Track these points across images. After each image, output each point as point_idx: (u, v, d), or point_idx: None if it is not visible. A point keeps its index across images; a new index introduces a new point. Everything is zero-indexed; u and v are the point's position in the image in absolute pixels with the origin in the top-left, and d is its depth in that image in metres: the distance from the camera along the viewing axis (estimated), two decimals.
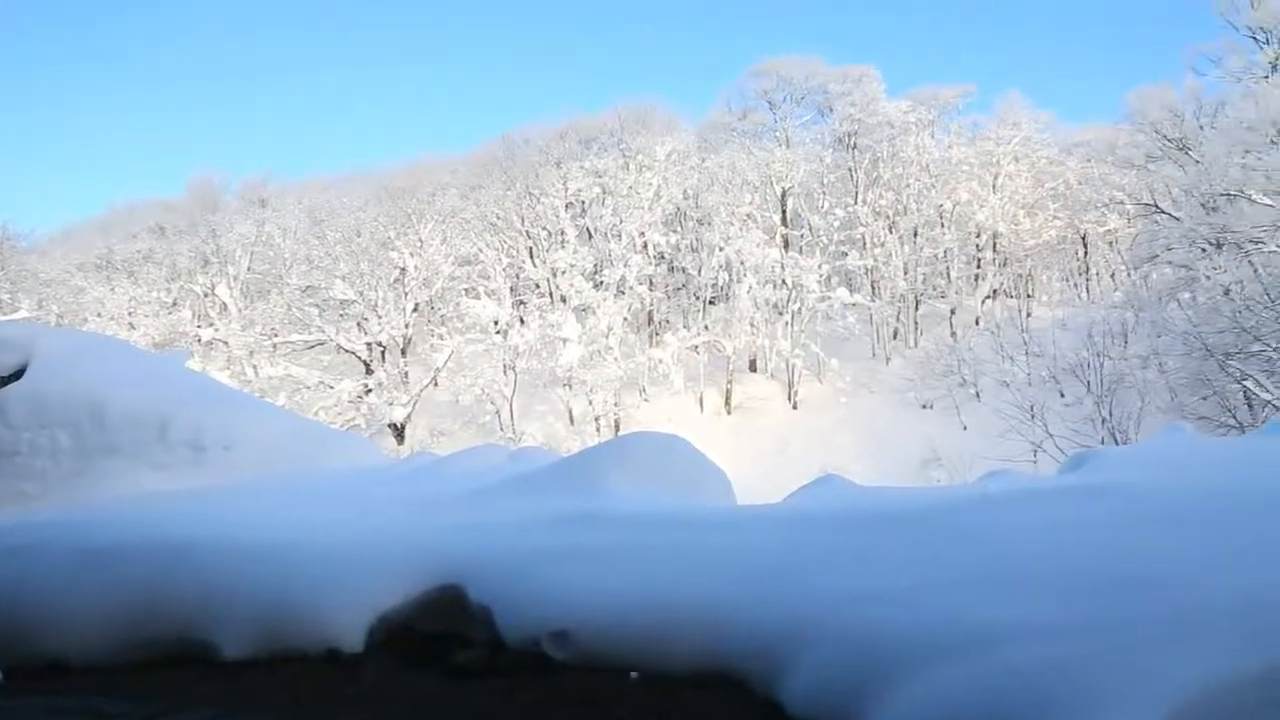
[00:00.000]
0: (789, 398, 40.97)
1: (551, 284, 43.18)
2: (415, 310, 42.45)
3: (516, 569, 3.30)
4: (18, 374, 5.69)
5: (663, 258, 45.55)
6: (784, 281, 41.33)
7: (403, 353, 41.88)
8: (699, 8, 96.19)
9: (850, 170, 47.22)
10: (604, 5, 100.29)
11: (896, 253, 44.40)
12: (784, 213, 46.16)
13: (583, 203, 45.38)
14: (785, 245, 44.47)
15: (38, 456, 5.21)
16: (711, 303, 44.84)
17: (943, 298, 46.13)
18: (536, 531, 3.66)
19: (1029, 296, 47.04)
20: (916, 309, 45.49)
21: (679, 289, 47.25)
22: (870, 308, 43.70)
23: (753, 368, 43.38)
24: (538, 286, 44.47)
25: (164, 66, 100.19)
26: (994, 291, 46.72)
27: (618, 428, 37.14)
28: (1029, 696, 2.09)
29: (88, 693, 3.16)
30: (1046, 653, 2.23)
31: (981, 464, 22.42)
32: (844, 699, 2.44)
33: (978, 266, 47.46)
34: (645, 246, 43.31)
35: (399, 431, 37.92)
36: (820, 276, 41.64)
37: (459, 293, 43.19)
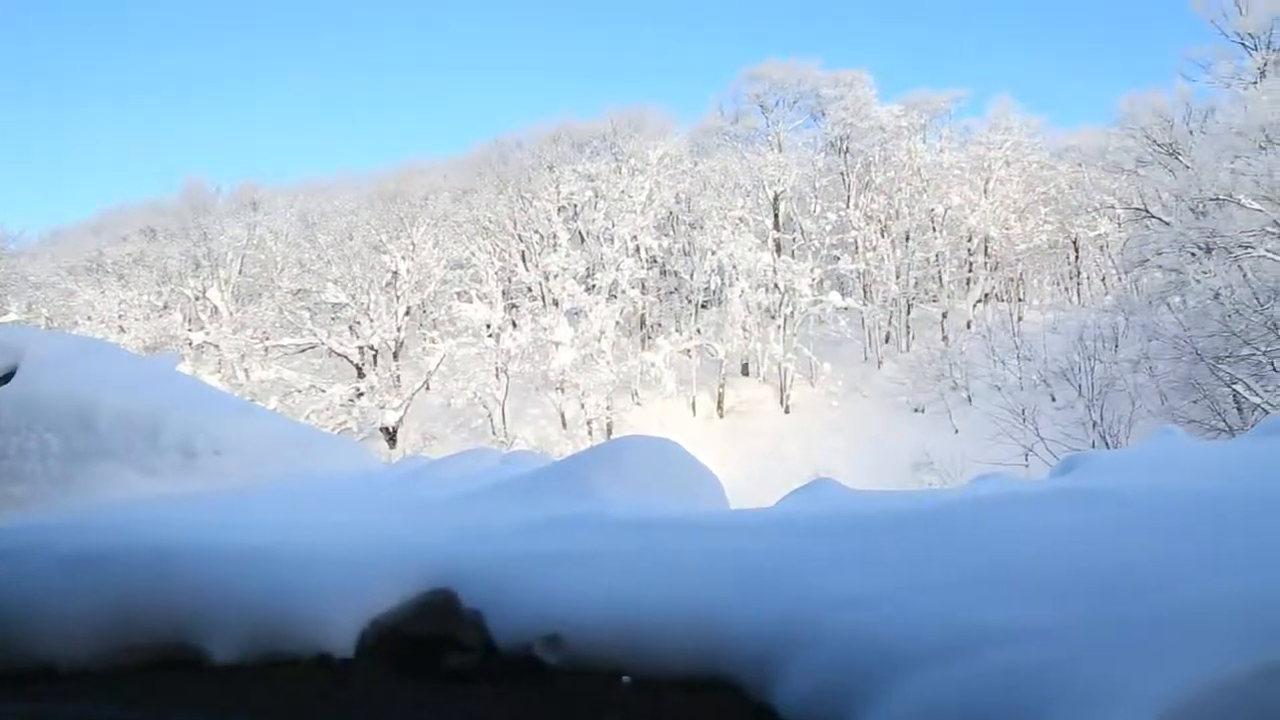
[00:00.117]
0: (781, 401, 41.03)
1: (544, 287, 43.18)
2: (407, 314, 42.42)
3: (508, 573, 3.29)
4: (6, 377, 5.66)
5: (655, 261, 45.60)
6: (776, 285, 41.42)
7: (394, 356, 41.83)
8: (692, 12, 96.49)
9: (842, 174, 47.38)
10: (597, 9, 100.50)
11: (888, 257, 44.53)
12: (776, 216, 46.27)
13: (575, 206, 45.42)
14: (777, 249, 44.57)
15: (26, 460, 5.18)
16: (704, 306, 44.89)
17: (934, 301, 46.28)
18: (528, 535, 3.65)
19: (1020, 300, 47.23)
20: (908, 313, 45.63)
21: (671, 292, 47.31)
22: (862, 311, 43.82)
23: (745, 371, 43.45)
24: (530, 290, 44.47)
25: (155, 69, 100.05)
26: (985, 295, 46.90)
27: (610, 431, 37.14)
28: (1022, 698, 2.10)
29: (76, 698, 3.14)
30: (1039, 654, 2.23)
31: (973, 467, 22.52)
32: (837, 702, 2.44)
33: (969, 270, 47.64)
34: (638, 250, 43.35)
35: (391, 435, 37.85)
36: (812, 280, 41.75)
37: (451, 296, 43.16)
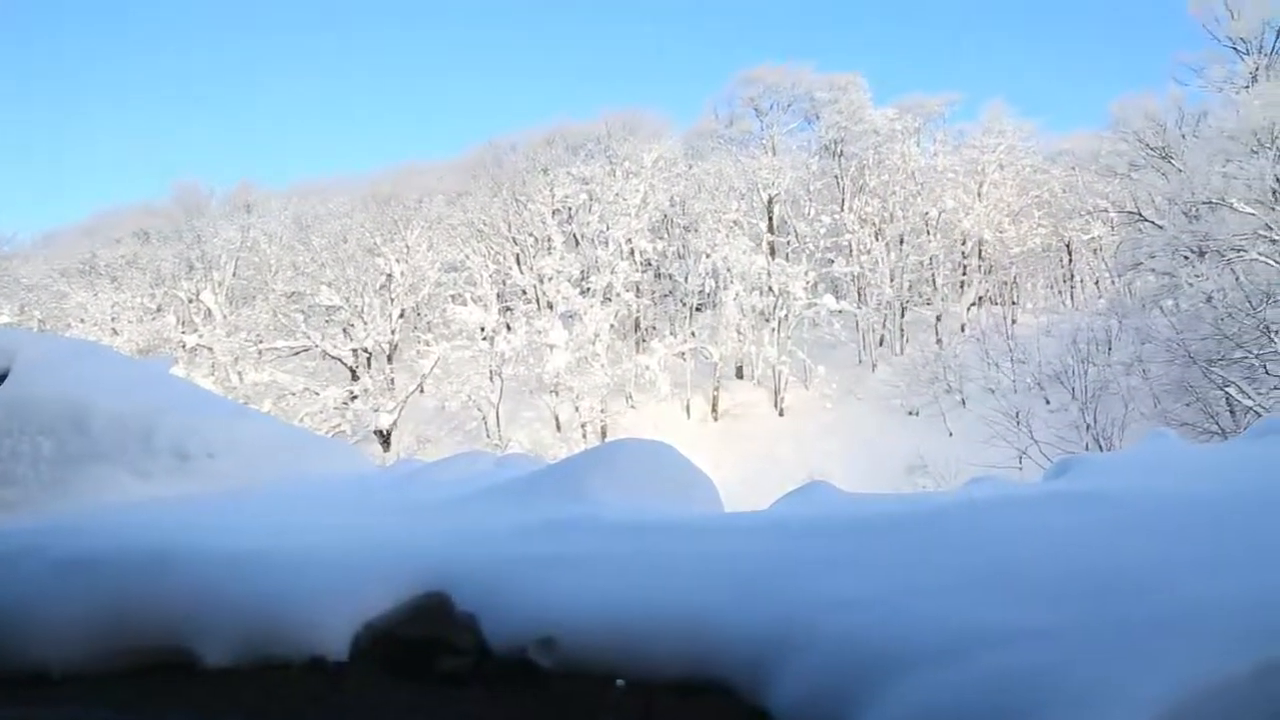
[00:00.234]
0: (775, 404, 41.06)
1: (538, 290, 43.18)
2: (401, 316, 42.37)
3: (502, 576, 3.29)
4: None
5: (649, 264, 45.64)
6: (770, 288, 41.47)
7: (389, 359, 41.78)
8: (687, 15, 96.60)
9: (836, 177, 47.47)
10: (592, 12, 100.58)
11: (882, 260, 44.60)
12: (770, 220, 46.33)
13: (569, 209, 45.43)
14: (772, 252, 44.64)
15: (18, 463, 5.16)
16: (698, 309, 44.92)
17: (928, 305, 46.38)
18: (522, 538, 3.64)
19: (1014, 303, 47.34)
20: (902, 316, 45.71)
21: (666, 296, 47.34)
22: (856, 315, 43.88)
23: (739, 374, 43.47)
24: (524, 293, 44.46)
25: (149, 71, 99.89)
26: (979, 298, 47.01)
27: (604, 434, 37.14)
28: (1017, 701, 2.10)
29: (69, 702, 3.13)
30: (1033, 657, 2.23)
31: (967, 470, 22.54)
32: (831, 705, 2.44)
33: (963, 273, 47.75)
34: (632, 253, 43.37)
35: (385, 438, 37.79)
36: (806, 283, 41.81)
37: (445, 299, 43.14)
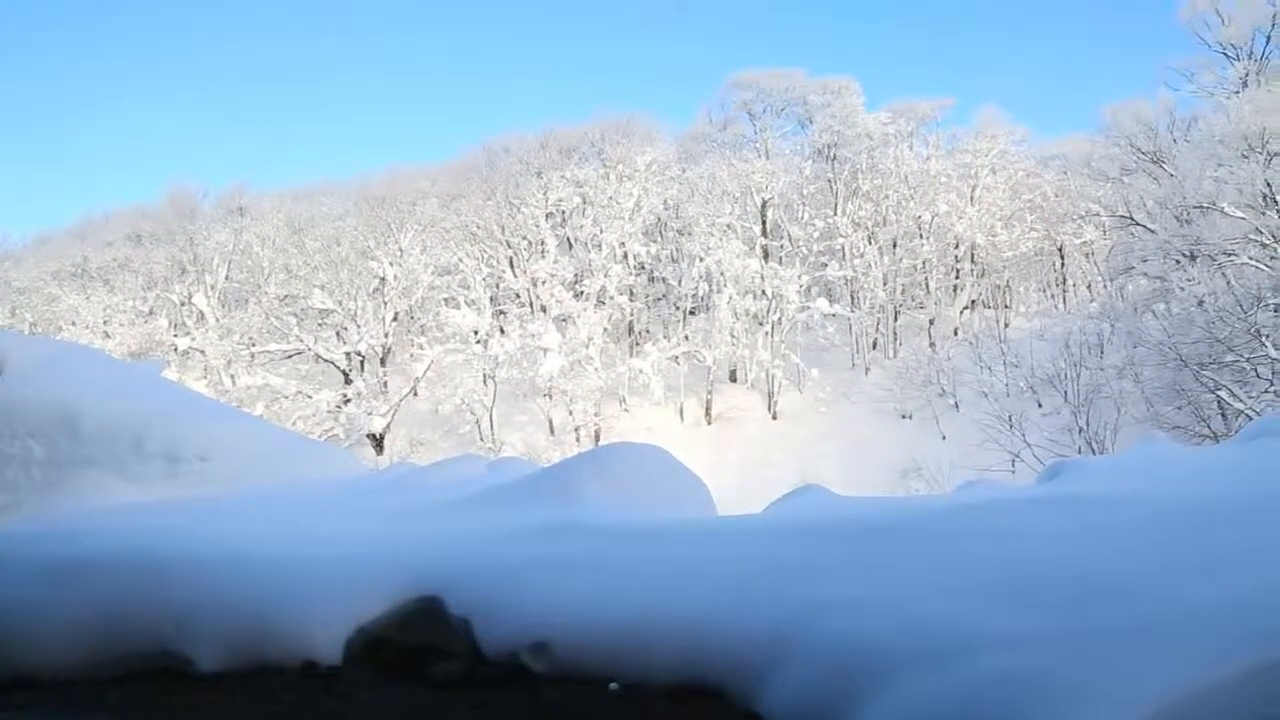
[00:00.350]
0: (769, 408, 41.07)
1: (532, 294, 43.15)
2: (395, 320, 42.28)
3: (496, 580, 3.29)
4: None
5: (643, 268, 45.63)
6: (764, 292, 41.48)
7: (382, 362, 41.69)
8: (681, 19, 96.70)
9: (830, 181, 47.52)
10: (586, 16, 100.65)
11: (876, 263, 44.66)
12: (764, 223, 46.36)
13: (563, 212, 45.41)
14: (765, 256, 44.66)
15: (9, 467, 5.15)
16: (692, 313, 44.92)
17: (921, 308, 46.45)
18: (516, 543, 3.64)
19: (1007, 307, 47.43)
20: (895, 319, 45.78)
21: (659, 299, 47.33)
22: (850, 318, 43.92)
23: (733, 378, 43.47)
24: (518, 296, 44.42)
25: (142, 73, 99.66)
26: (972, 302, 47.09)
27: (598, 438, 37.11)
28: (1007, 703, 2.10)
29: (59, 708, 3.11)
30: (1025, 660, 2.24)
31: (960, 473, 22.57)
32: (824, 708, 2.44)
33: (956, 277, 47.82)
34: (625, 256, 43.37)
35: (378, 442, 37.69)
36: (800, 287, 41.82)
37: (439, 302, 43.07)
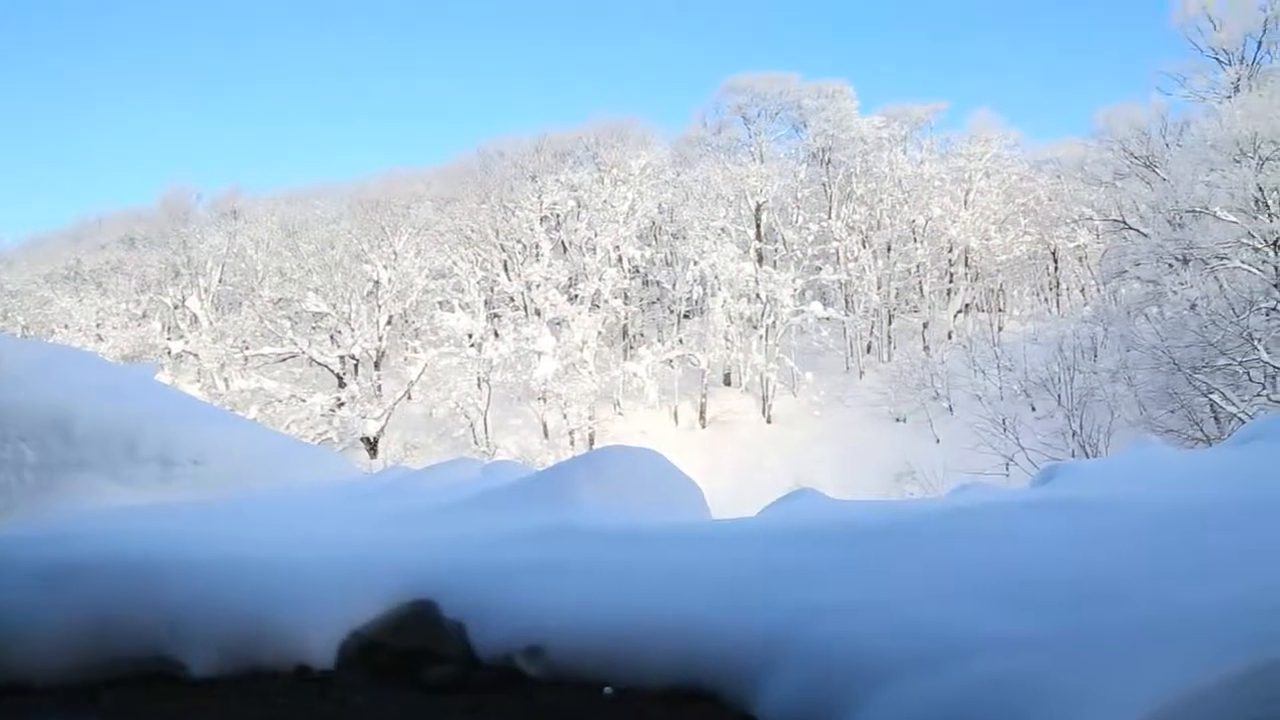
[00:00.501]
0: (763, 411, 41.09)
1: (526, 297, 43.13)
2: (389, 323, 42.22)
3: (490, 584, 3.29)
4: None
5: (637, 271, 45.64)
6: (758, 295, 41.52)
7: (376, 366, 41.63)
8: (676, 24, 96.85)
9: (824, 185, 47.59)
10: (581, 19, 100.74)
11: (870, 267, 44.72)
12: (758, 227, 46.41)
13: (558, 216, 45.41)
14: (759, 259, 44.70)
15: (1, 471, 5.12)
16: (686, 316, 44.94)
17: (915, 312, 46.52)
18: (510, 546, 3.64)
19: (1000, 311, 47.54)
20: (890, 323, 45.85)
21: (653, 303, 47.34)
22: (844, 322, 43.98)
23: (727, 381, 43.49)
24: (512, 300, 44.40)
25: (136, 76, 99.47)
26: (966, 306, 47.19)
27: (592, 441, 37.10)
28: (1001, 707, 2.11)
29: (52, 712, 3.09)
30: (1018, 663, 2.24)
31: (954, 477, 22.59)
32: (818, 711, 2.44)
33: (950, 281, 47.92)
34: (620, 260, 43.37)
35: (372, 445, 37.63)
36: (794, 291, 41.87)
37: (433, 306, 43.02)
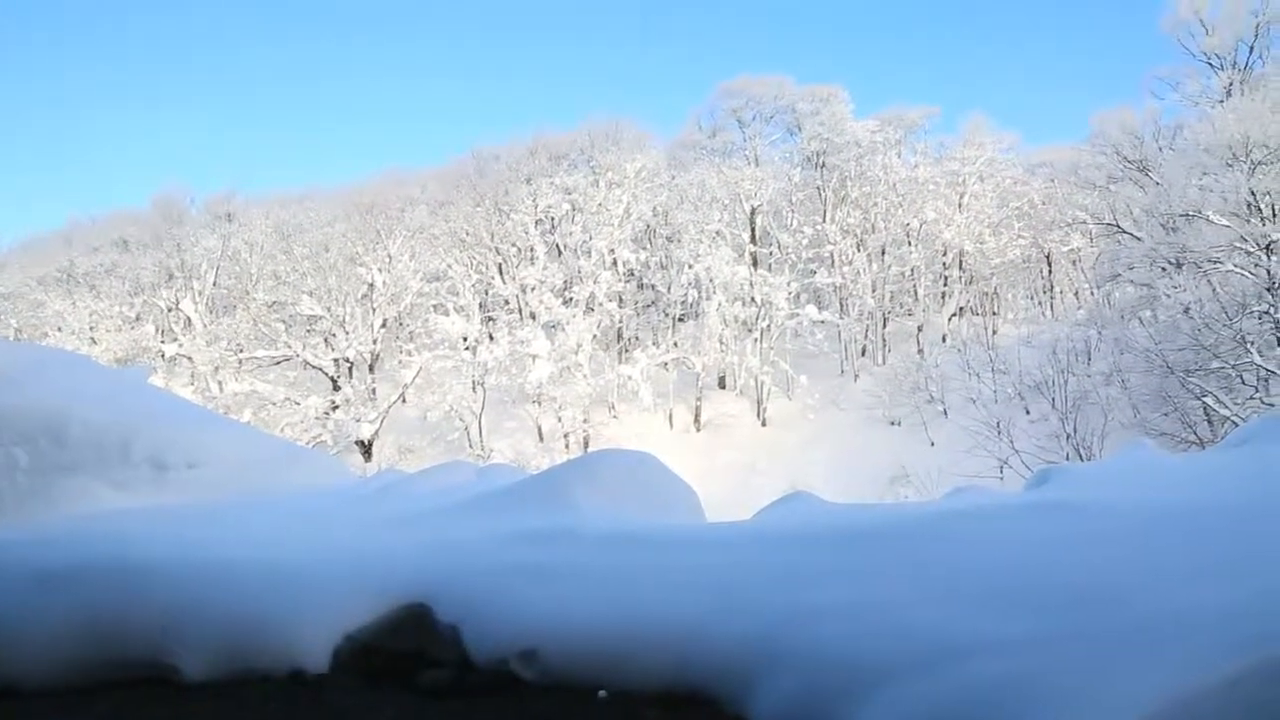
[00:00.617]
0: (758, 414, 41.12)
1: (521, 300, 43.13)
2: (383, 326, 42.19)
3: (484, 588, 3.28)
4: None
5: (632, 274, 45.67)
6: (753, 299, 41.58)
7: (370, 369, 41.59)
8: (671, 27, 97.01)
9: (819, 189, 47.68)
10: (575, 23, 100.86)
11: (864, 270, 44.81)
12: (753, 230, 46.48)
13: (552, 219, 45.43)
14: (754, 263, 44.76)
15: None
16: (681, 320, 44.98)
17: (910, 315, 46.62)
18: (504, 550, 3.63)
19: (994, 314, 47.67)
20: (884, 326, 45.93)
21: (648, 306, 47.36)
22: (838, 325, 44.04)
23: (722, 384, 43.52)
24: (507, 303, 44.40)
25: (130, 78, 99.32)
26: (960, 309, 47.30)
27: (587, 444, 37.09)
28: (995, 709, 2.11)
29: (43, 718, 3.08)
30: (1015, 665, 2.25)
31: (949, 480, 22.66)
32: (814, 714, 2.44)
33: (944, 284, 48.02)
34: (615, 263, 43.39)
35: (366, 449, 37.58)
36: (789, 294, 41.94)
37: (428, 309, 43.00)
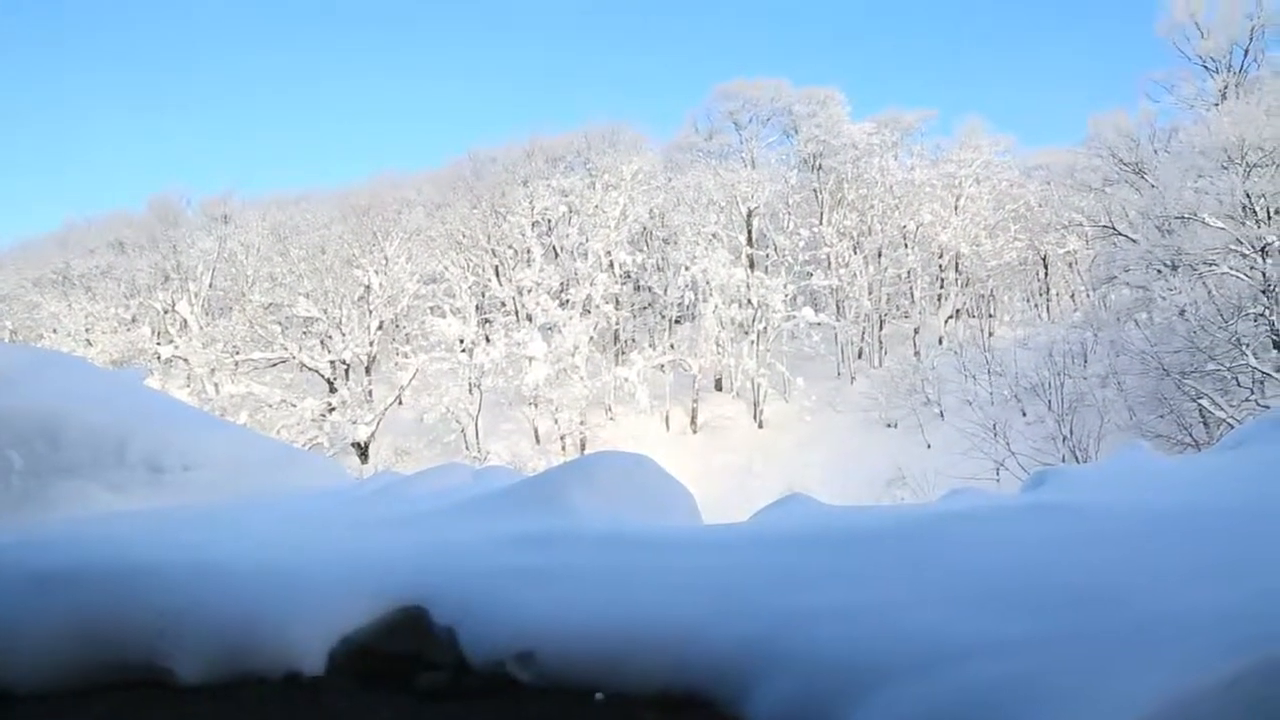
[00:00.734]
0: (755, 416, 41.14)
1: (517, 302, 43.12)
2: (380, 328, 42.17)
3: (481, 590, 3.27)
4: None
5: (629, 277, 45.69)
6: (749, 301, 41.61)
7: (367, 371, 41.56)
8: (668, 29, 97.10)
9: (815, 191, 47.74)
10: (572, 25, 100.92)
11: (861, 273, 44.86)
12: (749, 233, 46.52)
13: (549, 221, 45.44)
14: (751, 265, 44.79)
15: None
16: (677, 322, 45.00)
17: (906, 317, 46.68)
18: (501, 552, 3.62)
19: (991, 316, 47.73)
20: (881, 328, 45.98)
21: (645, 308, 47.38)
22: (835, 327, 44.09)
23: (718, 387, 43.53)
24: (503, 305, 44.39)
25: (126, 79, 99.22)
26: (956, 311, 47.36)
27: (583, 447, 37.08)
28: (995, 710, 2.11)
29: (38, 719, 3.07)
30: (1013, 667, 2.24)
31: (945, 482, 22.68)
32: (811, 716, 2.44)
33: (940, 286, 48.09)
34: (611, 265, 43.41)
35: (363, 451, 37.54)
36: (785, 296, 41.98)
37: (424, 311, 42.99)
